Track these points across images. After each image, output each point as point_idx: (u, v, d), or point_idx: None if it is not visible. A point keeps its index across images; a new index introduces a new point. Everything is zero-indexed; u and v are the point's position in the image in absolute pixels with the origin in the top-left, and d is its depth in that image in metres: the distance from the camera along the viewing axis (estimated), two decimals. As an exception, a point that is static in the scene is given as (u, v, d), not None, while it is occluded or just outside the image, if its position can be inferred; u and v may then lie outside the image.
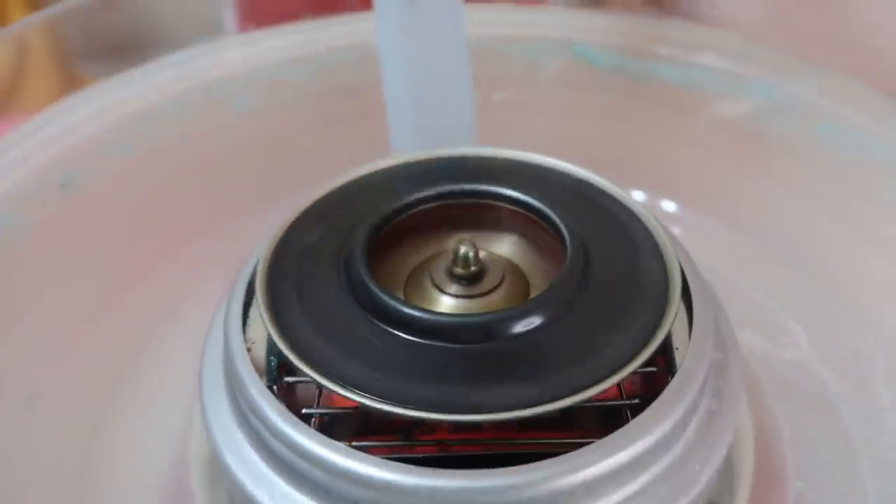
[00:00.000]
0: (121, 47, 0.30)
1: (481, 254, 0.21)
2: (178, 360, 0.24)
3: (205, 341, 0.21)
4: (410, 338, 0.19)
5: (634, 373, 0.19)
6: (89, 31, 0.31)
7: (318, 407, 0.19)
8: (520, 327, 0.18)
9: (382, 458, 0.17)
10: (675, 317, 0.19)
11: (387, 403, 0.17)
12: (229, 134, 0.30)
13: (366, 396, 0.17)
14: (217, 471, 0.21)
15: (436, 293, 0.21)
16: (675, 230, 0.25)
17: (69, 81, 0.31)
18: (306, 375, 0.18)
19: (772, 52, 0.28)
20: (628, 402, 0.19)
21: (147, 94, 0.28)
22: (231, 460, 0.19)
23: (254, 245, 0.23)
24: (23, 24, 0.29)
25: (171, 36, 0.31)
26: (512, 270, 0.22)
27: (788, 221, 0.26)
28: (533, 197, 0.22)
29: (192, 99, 0.29)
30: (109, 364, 0.25)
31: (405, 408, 0.17)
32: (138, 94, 0.28)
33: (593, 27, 0.31)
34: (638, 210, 0.22)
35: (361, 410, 0.18)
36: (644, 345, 0.18)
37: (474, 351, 0.18)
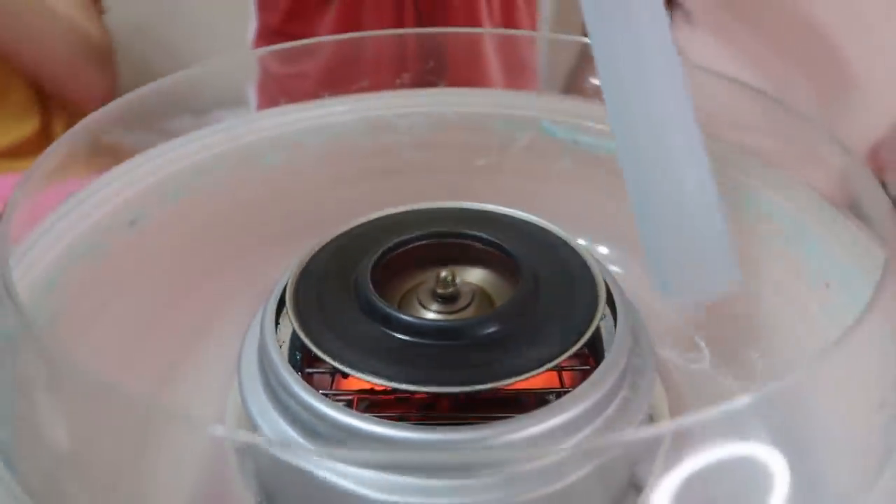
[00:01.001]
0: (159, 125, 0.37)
1: (458, 279, 0.28)
2: (218, 361, 0.30)
3: (243, 341, 0.28)
4: (402, 337, 0.25)
5: (573, 369, 0.25)
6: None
7: (331, 389, 0.26)
8: (480, 331, 0.25)
9: (372, 416, 0.23)
10: (601, 321, 0.25)
11: (382, 380, 0.23)
12: (259, 186, 0.37)
13: (367, 375, 0.24)
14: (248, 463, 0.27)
15: (421, 310, 0.28)
16: (613, 268, 0.32)
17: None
18: (324, 363, 0.25)
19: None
20: (563, 389, 0.25)
21: (196, 153, 0.35)
22: (262, 423, 0.25)
23: (277, 276, 0.29)
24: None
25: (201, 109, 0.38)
26: (481, 294, 0.28)
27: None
28: (498, 238, 0.29)
29: (231, 157, 0.36)
30: (154, 371, 0.31)
31: (396, 383, 0.23)
32: (189, 153, 0.35)
33: (557, 108, 0.39)
34: (577, 248, 0.29)
35: (361, 392, 0.25)
36: (574, 342, 0.24)
37: (447, 347, 0.25)
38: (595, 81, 0.41)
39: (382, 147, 0.41)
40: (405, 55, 0.40)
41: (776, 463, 0.19)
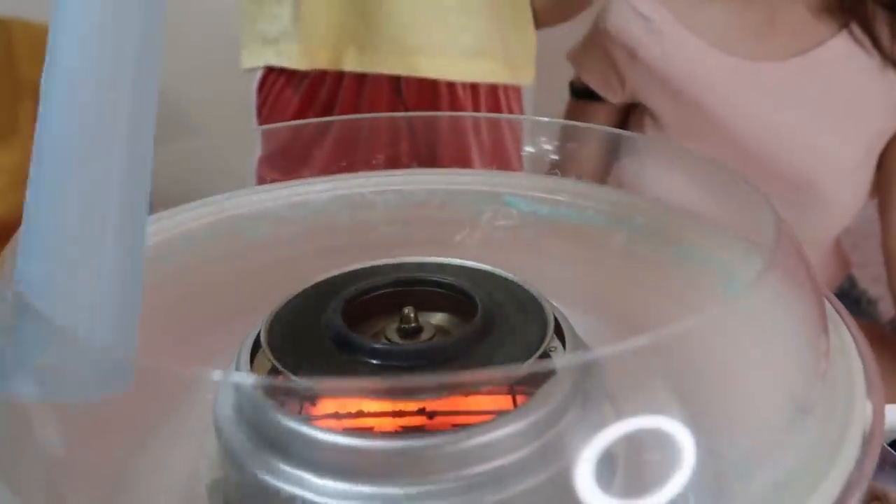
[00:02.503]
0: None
1: (420, 318, 0.30)
2: (197, 410, 0.32)
3: (221, 382, 0.30)
4: (369, 361, 0.27)
5: (525, 394, 0.27)
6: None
7: (301, 413, 0.27)
8: (440, 355, 0.27)
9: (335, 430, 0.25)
10: (551, 348, 0.28)
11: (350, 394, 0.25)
12: (243, 256, 0.41)
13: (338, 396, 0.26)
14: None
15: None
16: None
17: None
18: (297, 389, 0.27)
19: (637, 198, 0.39)
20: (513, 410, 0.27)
21: (186, 224, 0.39)
22: (237, 447, 0.26)
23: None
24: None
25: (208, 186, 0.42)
26: (442, 331, 0.31)
27: (648, 312, 0.35)
28: (458, 282, 0.31)
29: (219, 228, 0.40)
30: (140, 415, 0.33)
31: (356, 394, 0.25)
32: (181, 223, 0.38)
33: (518, 184, 0.43)
34: (529, 289, 0.31)
35: (329, 414, 0.27)
36: (523, 362, 0.27)
37: (411, 368, 0.27)
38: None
39: (361, 226, 0.45)
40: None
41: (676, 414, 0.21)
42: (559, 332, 0.29)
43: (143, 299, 0.36)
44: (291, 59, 0.73)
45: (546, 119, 0.50)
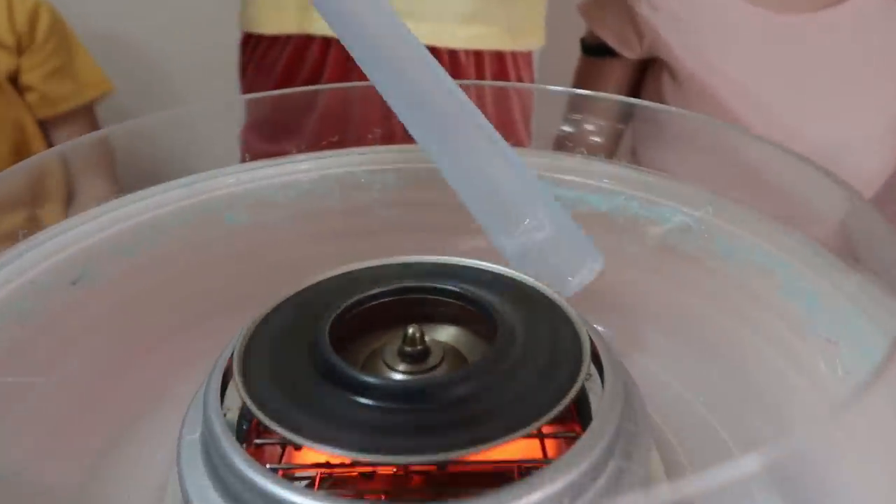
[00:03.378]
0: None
1: (426, 337, 0.25)
2: (158, 438, 0.27)
3: (185, 412, 0.25)
4: (363, 400, 0.22)
5: (557, 437, 0.22)
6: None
7: (281, 463, 0.22)
8: (452, 391, 0.22)
9: (331, 496, 0.20)
10: (585, 380, 0.22)
11: (342, 451, 0.20)
12: (220, 245, 0.35)
13: (322, 445, 0.20)
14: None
15: (387, 371, 0.25)
16: (599, 328, 0.30)
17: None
18: (273, 434, 0.22)
19: (680, 184, 0.34)
20: (546, 460, 0.22)
21: (156, 209, 0.33)
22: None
23: (232, 342, 0.26)
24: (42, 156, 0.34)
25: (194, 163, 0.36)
26: (453, 353, 0.26)
27: (697, 321, 0.30)
28: (469, 292, 0.26)
29: (194, 214, 0.34)
30: (94, 441, 0.28)
31: (356, 454, 0.20)
32: (147, 208, 0.33)
33: (534, 163, 0.37)
34: (557, 300, 0.26)
35: (317, 466, 0.22)
36: (556, 403, 0.22)
37: (416, 410, 0.22)
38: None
39: (348, 207, 0.39)
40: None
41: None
42: (595, 355, 0.24)
43: (101, 301, 0.31)
44: (255, 20, 0.66)
45: (559, 88, 0.44)
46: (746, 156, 0.33)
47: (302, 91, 0.43)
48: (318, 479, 0.23)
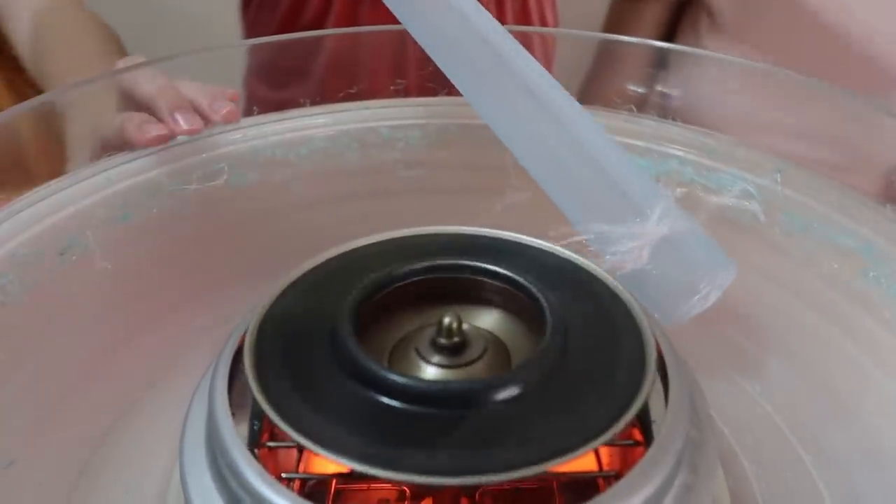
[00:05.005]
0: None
1: (465, 325, 0.22)
2: (158, 429, 0.24)
3: (188, 407, 0.22)
4: (393, 403, 0.19)
5: (613, 445, 0.19)
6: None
7: (297, 472, 0.19)
8: (498, 396, 0.19)
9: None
10: (651, 390, 0.19)
11: (367, 466, 0.17)
12: (224, 208, 0.32)
13: (343, 457, 0.17)
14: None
15: (420, 363, 0.22)
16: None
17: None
18: (288, 438, 0.18)
19: (741, 146, 0.30)
20: (604, 473, 0.19)
21: (151, 168, 0.29)
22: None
23: (240, 317, 0.23)
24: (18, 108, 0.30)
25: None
26: (495, 345, 0.22)
27: (762, 306, 0.27)
28: (516, 274, 0.23)
29: (193, 173, 0.31)
30: (89, 431, 0.25)
31: (385, 470, 0.17)
32: (143, 168, 0.29)
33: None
34: (616, 289, 0.23)
35: (338, 475, 0.19)
36: (619, 415, 0.18)
37: (455, 417, 0.18)
38: (633, 88, 0.36)
39: (366, 165, 0.35)
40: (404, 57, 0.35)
41: None
42: (660, 358, 0.21)
43: (93, 272, 0.28)
44: None
45: (585, 33, 0.40)
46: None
47: (306, 37, 0.39)
48: (331, 491, 0.20)
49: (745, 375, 0.26)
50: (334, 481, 0.19)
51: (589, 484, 0.19)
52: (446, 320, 0.21)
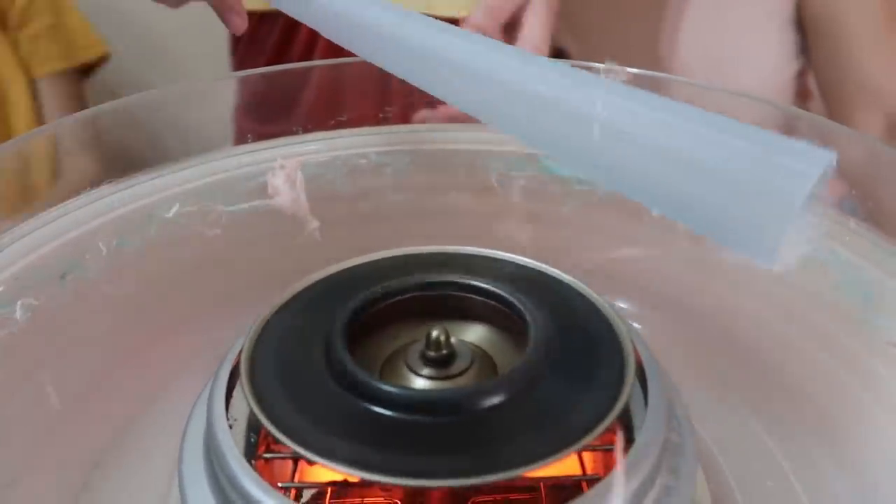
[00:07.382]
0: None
1: (452, 339, 0.23)
2: (157, 444, 0.25)
3: (187, 420, 0.22)
4: (385, 413, 0.20)
5: (595, 449, 0.20)
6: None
7: (293, 481, 0.20)
8: (485, 403, 0.20)
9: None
10: (630, 395, 0.20)
11: (360, 472, 0.18)
12: (220, 233, 0.33)
13: (339, 464, 0.18)
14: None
15: (410, 375, 0.22)
16: (635, 325, 0.27)
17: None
18: (284, 448, 0.19)
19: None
20: (588, 476, 0.20)
21: (150, 196, 0.31)
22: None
23: (236, 337, 0.24)
24: (28, 136, 0.32)
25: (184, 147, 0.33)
26: (482, 357, 0.23)
27: (728, 311, 0.28)
28: (501, 289, 0.24)
29: (190, 200, 0.32)
30: (89, 448, 0.26)
31: (378, 475, 0.18)
32: (141, 194, 0.30)
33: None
34: (597, 301, 0.24)
35: (333, 483, 0.19)
36: (600, 420, 0.19)
37: (445, 424, 0.19)
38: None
39: (363, 191, 0.36)
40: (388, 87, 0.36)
41: None
42: (638, 364, 0.22)
43: (93, 295, 0.29)
44: None
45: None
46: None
47: (294, 68, 0.40)
48: (327, 499, 0.20)
49: (727, 388, 0.27)
50: (330, 490, 0.20)
51: (573, 487, 0.20)
52: (434, 334, 0.22)
